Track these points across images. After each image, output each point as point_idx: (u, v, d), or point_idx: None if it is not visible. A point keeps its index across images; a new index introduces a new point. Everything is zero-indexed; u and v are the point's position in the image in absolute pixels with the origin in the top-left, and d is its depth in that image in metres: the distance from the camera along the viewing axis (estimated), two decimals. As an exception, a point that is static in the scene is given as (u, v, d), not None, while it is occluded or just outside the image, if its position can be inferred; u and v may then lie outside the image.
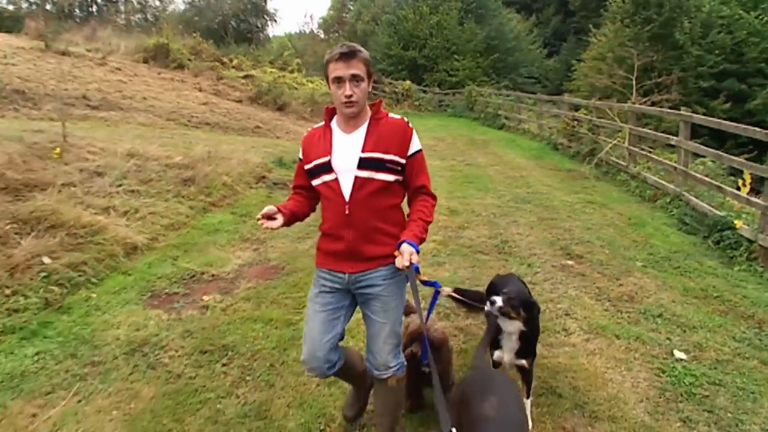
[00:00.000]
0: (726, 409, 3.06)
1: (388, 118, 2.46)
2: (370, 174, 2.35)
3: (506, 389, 2.21)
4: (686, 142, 7.84)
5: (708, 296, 4.76)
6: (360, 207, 2.36)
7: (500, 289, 2.77)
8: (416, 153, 2.43)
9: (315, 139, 2.49)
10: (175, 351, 3.66)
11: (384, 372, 2.47)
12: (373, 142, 2.37)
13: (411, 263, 2.19)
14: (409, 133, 2.42)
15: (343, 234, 2.39)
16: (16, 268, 4.52)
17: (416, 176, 2.44)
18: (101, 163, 7.30)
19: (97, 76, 17.49)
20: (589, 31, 28.29)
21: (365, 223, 2.36)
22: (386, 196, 2.40)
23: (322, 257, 2.52)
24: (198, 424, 2.90)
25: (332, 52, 2.33)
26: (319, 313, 2.46)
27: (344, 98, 2.31)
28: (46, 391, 3.21)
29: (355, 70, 2.29)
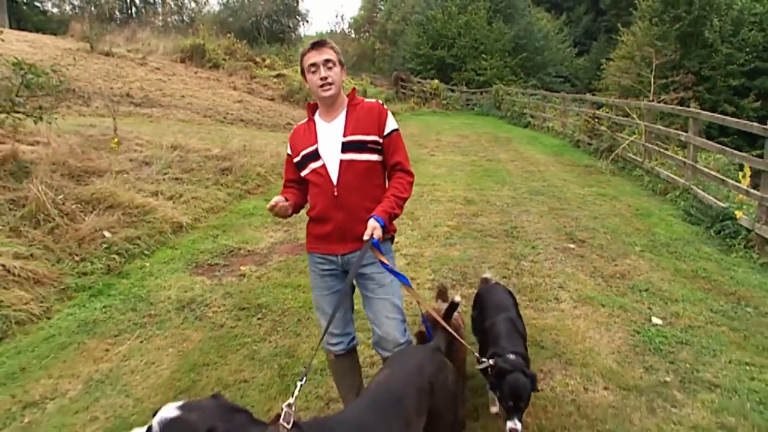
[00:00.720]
0: (686, 361, 3.53)
1: (364, 102, 2.60)
2: (353, 156, 2.48)
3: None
4: (695, 137, 8.18)
5: (696, 276, 5.18)
6: (347, 189, 2.47)
7: (494, 309, 2.94)
8: (392, 132, 2.55)
9: (301, 133, 2.64)
10: (217, 308, 4.32)
11: (394, 351, 2.47)
12: (353, 125, 2.51)
13: (372, 238, 2.31)
14: (384, 114, 2.56)
15: (332, 216, 2.49)
16: (83, 240, 5.27)
17: (392, 154, 2.55)
18: (148, 153, 8.08)
19: (138, 75, 18.52)
20: (619, 29, 28.26)
21: (353, 203, 2.47)
22: (371, 176, 2.53)
23: (312, 241, 2.65)
24: (238, 360, 3.53)
25: (305, 46, 2.54)
26: (326, 297, 2.62)
27: (320, 81, 2.45)
28: (114, 334, 3.90)
29: (327, 56, 2.46)
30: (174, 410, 1.46)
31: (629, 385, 3.23)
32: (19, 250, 4.75)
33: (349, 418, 1.80)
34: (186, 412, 1.46)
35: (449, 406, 2.13)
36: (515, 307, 3.05)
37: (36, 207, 5.32)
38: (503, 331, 2.75)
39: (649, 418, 2.93)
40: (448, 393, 2.12)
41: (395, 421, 1.81)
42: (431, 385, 2.00)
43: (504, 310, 2.93)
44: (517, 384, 2.38)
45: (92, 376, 3.36)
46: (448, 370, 2.22)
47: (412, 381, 1.96)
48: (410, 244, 5.93)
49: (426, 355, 2.20)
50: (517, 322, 2.90)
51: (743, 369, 3.46)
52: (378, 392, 1.92)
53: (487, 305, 3.06)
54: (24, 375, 3.35)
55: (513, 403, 2.37)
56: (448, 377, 2.17)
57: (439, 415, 2.02)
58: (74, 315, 4.17)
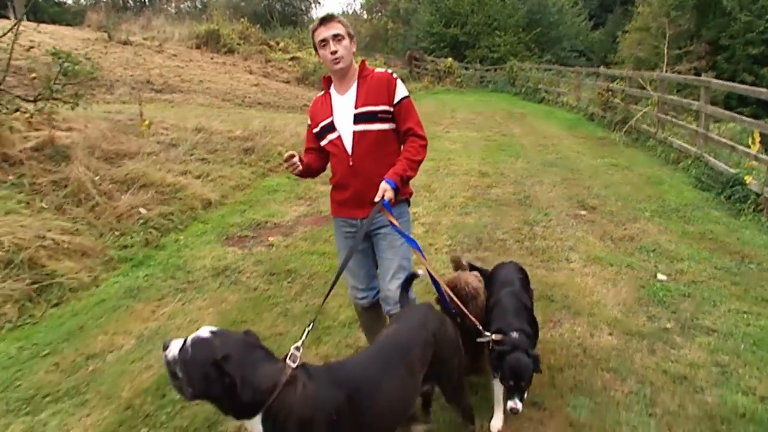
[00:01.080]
0: (687, 311, 3.80)
1: (374, 73, 2.71)
2: (365, 126, 2.61)
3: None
4: (706, 106, 8.28)
5: (703, 238, 5.39)
6: (362, 158, 2.62)
7: (500, 285, 2.90)
8: (402, 99, 2.65)
9: (318, 105, 2.77)
10: (250, 273, 4.67)
11: (394, 307, 2.66)
12: (364, 97, 2.62)
13: (383, 199, 2.46)
14: (393, 83, 2.66)
15: (350, 183, 2.66)
16: (121, 216, 5.64)
17: (404, 120, 2.66)
18: (174, 136, 8.43)
19: (157, 62, 18.85)
20: (634, 1, 27.85)
21: (368, 171, 2.60)
22: (384, 144, 2.66)
23: (335, 207, 2.84)
24: (272, 317, 3.87)
25: (314, 23, 2.65)
26: (354, 258, 2.73)
27: (331, 55, 2.57)
28: (158, 298, 4.28)
29: (335, 30, 2.57)
30: (207, 332, 1.73)
31: (632, 331, 3.51)
32: (65, 226, 5.13)
33: (356, 362, 2.03)
34: (214, 336, 1.72)
35: (453, 352, 2.31)
36: (522, 281, 2.99)
37: (78, 187, 5.70)
38: (509, 306, 2.71)
39: (650, 357, 3.21)
40: (451, 342, 2.31)
41: (399, 368, 2.00)
42: (435, 337, 2.19)
43: (508, 285, 2.88)
44: (518, 364, 2.37)
45: (143, 332, 3.74)
46: (448, 324, 2.38)
47: (417, 334, 2.16)
48: (427, 213, 6.22)
49: (428, 312, 2.37)
50: (522, 295, 2.84)
51: (741, 317, 3.71)
52: (386, 342, 2.13)
53: (492, 282, 3.01)
54: (83, 333, 3.74)
55: (514, 382, 2.36)
56: (448, 329, 2.33)
57: (444, 361, 2.24)
58: (120, 283, 4.55)
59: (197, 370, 1.67)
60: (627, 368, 3.10)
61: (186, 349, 1.69)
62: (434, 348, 2.17)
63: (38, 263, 4.43)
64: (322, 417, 1.76)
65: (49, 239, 4.74)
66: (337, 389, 1.81)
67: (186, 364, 1.68)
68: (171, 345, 1.74)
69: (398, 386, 1.98)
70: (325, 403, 1.77)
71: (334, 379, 1.85)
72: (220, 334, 1.75)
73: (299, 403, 1.74)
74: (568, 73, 20.64)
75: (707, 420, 2.65)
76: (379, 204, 2.46)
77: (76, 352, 3.48)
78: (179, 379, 1.70)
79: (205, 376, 1.66)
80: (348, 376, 1.89)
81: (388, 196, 2.48)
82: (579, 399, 2.83)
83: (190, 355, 1.68)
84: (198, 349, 1.69)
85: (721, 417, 2.66)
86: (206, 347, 1.69)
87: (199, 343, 1.70)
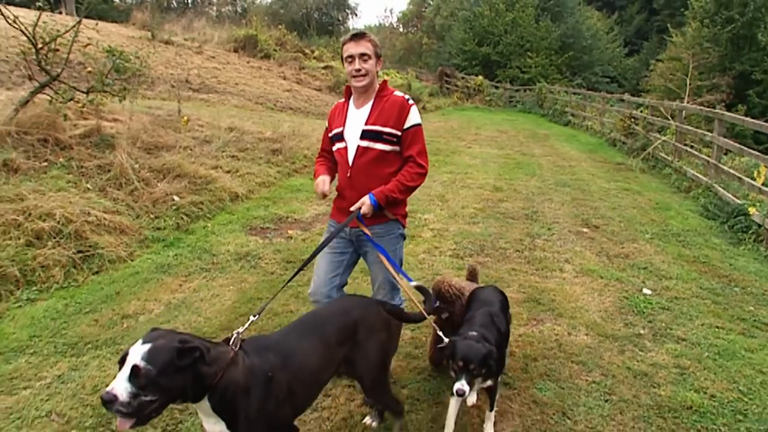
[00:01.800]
0: (663, 321, 4.12)
1: (392, 95, 2.79)
2: (370, 144, 2.73)
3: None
4: (718, 138, 8.54)
5: (697, 261, 5.68)
6: (359, 172, 2.73)
7: (479, 304, 2.87)
8: (412, 127, 2.75)
9: (337, 112, 2.91)
10: (269, 260, 5.14)
11: None
12: (376, 115, 2.73)
13: (358, 210, 2.62)
14: (407, 109, 2.74)
15: (347, 194, 2.78)
16: (157, 201, 6.18)
17: (409, 147, 2.76)
18: (208, 133, 9.02)
19: (195, 63, 19.68)
20: (669, 30, 27.93)
21: (363, 185, 2.70)
22: (383, 164, 2.74)
23: (334, 211, 2.97)
24: (285, 297, 4.31)
25: (346, 36, 2.77)
26: (327, 254, 2.88)
27: (354, 72, 2.70)
28: (185, 274, 4.77)
29: (363, 50, 2.69)
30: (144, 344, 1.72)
31: (607, 334, 3.86)
32: (107, 205, 5.69)
33: (276, 334, 2.26)
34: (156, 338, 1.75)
35: (374, 346, 2.39)
36: (501, 304, 2.94)
37: (120, 172, 6.27)
38: (478, 320, 2.67)
39: (618, 356, 3.56)
40: (373, 336, 2.39)
41: (311, 337, 2.20)
42: (356, 323, 2.34)
43: (487, 305, 2.85)
44: (468, 347, 2.34)
45: (171, 301, 4.22)
46: (379, 319, 2.46)
47: (336, 317, 2.35)
48: (438, 220, 6.63)
49: (358, 303, 2.50)
50: (498, 315, 2.78)
51: (712, 330, 4.02)
52: (303, 320, 2.34)
53: (473, 301, 2.97)
54: (119, 297, 4.24)
55: (462, 363, 2.30)
56: (375, 324, 2.42)
57: (363, 349, 2.35)
58: (152, 259, 5.06)
59: (168, 368, 1.69)
60: (594, 363, 3.45)
61: (143, 369, 1.66)
62: (354, 334, 2.33)
63: (83, 236, 4.98)
64: (260, 379, 1.94)
65: (92, 216, 5.28)
66: (267, 352, 2.03)
67: (154, 376, 1.66)
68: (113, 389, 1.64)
69: (313, 351, 2.17)
70: (261, 366, 1.97)
71: (262, 345, 2.08)
72: (159, 335, 1.79)
73: (240, 376, 1.90)
74: (595, 98, 20.87)
75: (656, 408, 2.99)
76: (354, 214, 2.63)
77: (113, 312, 3.98)
78: (144, 405, 1.67)
79: (178, 368, 1.71)
80: (272, 342, 2.13)
81: (364, 210, 2.63)
82: (546, 383, 3.20)
83: (153, 366, 1.67)
84: (157, 355, 1.69)
85: (670, 407, 3.00)
86: (161, 347, 1.71)
87: (151, 351, 1.70)
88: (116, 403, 1.62)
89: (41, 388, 3.07)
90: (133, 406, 1.64)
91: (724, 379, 3.33)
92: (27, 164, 6.00)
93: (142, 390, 1.65)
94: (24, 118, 6.58)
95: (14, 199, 5.07)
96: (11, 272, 4.22)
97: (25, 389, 3.05)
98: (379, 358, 2.43)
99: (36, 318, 3.84)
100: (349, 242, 2.90)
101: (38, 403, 2.93)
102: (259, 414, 1.92)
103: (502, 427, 2.81)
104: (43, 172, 5.99)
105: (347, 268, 2.96)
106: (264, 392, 1.94)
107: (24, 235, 4.63)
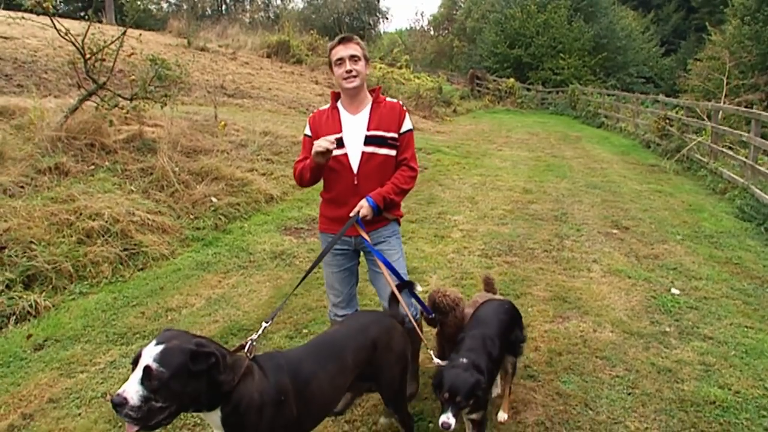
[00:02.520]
0: (690, 320, 4.15)
1: (386, 102, 2.82)
2: (374, 149, 2.72)
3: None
4: (755, 138, 8.40)
5: (729, 262, 5.63)
6: (366, 178, 2.70)
7: (475, 323, 2.73)
8: (407, 132, 2.81)
9: (323, 118, 2.80)
10: (303, 258, 5.35)
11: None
12: (376, 121, 2.73)
13: (357, 215, 2.60)
14: (403, 114, 2.81)
15: (350, 201, 2.69)
16: (196, 203, 6.48)
17: (403, 151, 2.80)
18: (243, 137, 9.34)
19: (230, 69, 20.21)
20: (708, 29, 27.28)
21: (369, 191, 2.68)
22: (386, 168, 2.76)
23: (326, 223, 2.87)
24: (319, 293, 4.50)
25: (332, 41, 2.75)
26: (335, 274, 2.88)
27: (345, 74, 2.68)
28: (224, 271, 5.01)
29: (352, 51, 2.68)
30: (156, 347, 1.65)
31: (633, 331, 3.91)
32: (150, 206, 6.00)
33: (293, 354, 2.13)
34: (169, 340, 1.68)
35: (394, 361, 2.39)
36: (501, 326, 2.72)
37: (161, 175, 6.59)
38: (467, 344, 2.52)
39: (643, 353, 3.62)
40: (392, 351, 2.38)
41: (330, 364, 2.13)
42: (374, 343, 2.30)
43: (483, 326, 2.67)
44: (455, 378, 2.24)
45: (211, 296, 4.46)
46: (396, 334, 2.44)
47: (354, 337, 2.28)
48: (467, 221, 6.74)
49: (374, 319, 2.46)
50: (491, 339, 2.58)
51: (741, 330, 4.03)
52: (321, 341, 2.27)
53: (472, 319, 2.83)
54: (163, 292, 4.50)
55: (448, 395, 2.21)
56: (393, 339, 2.40)
57: (382, 367, 2.34)
58: (192, 257, 5.33)
59: (181, 371, 1.62)
60: (618, 358, 3.52)
61: (156, 371, 1.60)
62: (373, 353, 2.30)
63: (128, 235, 5.28)
64: (273, 401, 1.88)
65: (137, 216, 5.59)
66: (283, 374, 1.96)
67: (166, 379, 1.60)
68: (124, 392, 1.59)
69: (328, 381, 2.10)
70: (276, 388, 1.91)
71: (279, 365, 1.99)
72: (173, 335, 1.73)
73: (255, 390, 1.83)
74: (629, 99, 20.57)
75: (679, 402, 3.05)
76: (353, 219, 2.61)
77: (158, 305, 4.24)
78: (156, 412, 1.62)
79: (192, 373, 1.64)
80: (288, 363, 2.03)
81: (363, 213, 2.62)
82: (570, 377, 3.29)
83: (165, 369, 1.60)
84: (171, 357, 1.62)
85: (692, 402, 3.06)
86: (175, 349, 1.65)
87: (165, 352, 1.63)
88: (126, 406, 1.56)
89: (96, 372, 3.33)
90: (143, 411, 1.58)
91: (750, 376, 3.36)
92: (76, 167, 6.37)
93: (154, 394, 1.59)
94: (73, 124, 6.98)
95: (66, 200, 5.41)
96: (65, 267, 4.53)
97: (81, 373, 3.31)
98: (398, 373, 2.42)
99: (88, 310, 4.13)
100: (354, 252, 2.89)
101: (94, 385, 3.19)
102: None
103: (525, 416, 2.92)
104: (91, 174, 6.35)
105: (355, 278, 2.98)
106: (273, 416, 1.88)
107: (76, 234, 4.95)
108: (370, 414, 2.95)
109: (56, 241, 4.75)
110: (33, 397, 3.09)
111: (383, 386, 2.40)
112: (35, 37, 13.50)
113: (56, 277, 4.44)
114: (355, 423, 2.90)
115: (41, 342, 3.67)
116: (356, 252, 2.88)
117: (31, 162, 6.05)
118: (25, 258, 4.41)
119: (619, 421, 2.89)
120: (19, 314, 3.96)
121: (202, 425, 2.86)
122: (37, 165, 6.05)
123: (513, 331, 2.81)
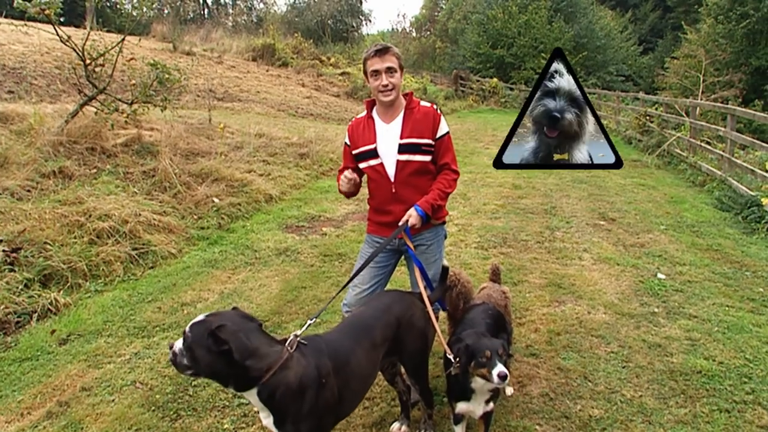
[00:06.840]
0: (676, 301, 4.44)
1: (420, 106, 2.81)
2: (409, 157, 2.74)
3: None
4: (731, 132, 8.79)
5: (710, 249, 5.96)
6: (404, 185, 2.75)
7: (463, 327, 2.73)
8: (444, 135, 2.80)
9: (360, 128, 2.85)
10: (307, 254, 5.56)
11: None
12: (409, 129, 2.74)
13: (407, 222, 2.65)
14: (438, 119, 2.79)
15: (391, 209, 2.79)
16: (199, 203, 6.65)
17: (442, 155, 2.82)
18: (239, 140, 9.52)
19: (217, 72, 20.30)
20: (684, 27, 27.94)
21: (409, 198, 2.74)
22: (423, 175, 2.79)
23: (373, 227, 2.97)
24: (327, 285, 4.72)
25: (368, 50, 2.73)
26: (371, 269, 2.85)
27: (381, 87, 2.68)
28: (232, 268, 5.20)
29: (389, 63, 2.68)
30: (201, 316, 1.96)
31: (624, 312, 4.20)
32: (155, 207, 6.16)
33: (332, 336, 2.31)
34: (208, 316, 1.96)
35: (415, 337, 2.56)
36: (487, 327, 2.70)
37: (164, 177, 6.75)
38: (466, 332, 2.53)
39: (634, 331, 3.90)
40: (414, 327, 2.55)
41: (364, 341, 2.31)
42: (398, 320, 2.48)
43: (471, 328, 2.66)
44: (483, 338, 2.33)
45: (223, 291, 4.65)
46: (416, 311, 2.60)
47: (380, 315, 2.46)
48: (461, 216, 7.00)
49: (397, 298, 2.62)
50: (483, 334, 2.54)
51: (722, 309, 4.33)
52: (352, 321, 2.45)
53: (460, 323, 2.88)
54: (176, 288, 4.68)
55: (489, 353, 2.23)
56: (414, 316, 2.57)
57: (405, 342, 2.52)
58: (200, 255, 5.51)
59: (199, 342, 1.88)
60: (612, 336, 3.80)
61: (187, 335, 1.92)
62: (397, 329, 2.47)
63: (137, 235, 5.45)
64: (314, 383, 2.02)
65: (143, 217, 5.76)
66: (324, 356, 2.11)
67: (189, 344, 1.90)
68: (175, 344, 1.96)
69: (365, 356, 2.28)
70: (317, 370, 2.05)
71: (319, 348, 2.14)
72: (213, 314, 2.00)
73: (293, 378, 1.98)
74: (610, 97, 21.05)
75: (669, 373, 3.33)
76: (401, 228, 2.68)
77: (173, 300, 4.42)
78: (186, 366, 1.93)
79: (207, 348, 1.87)
80: (328, 345, 2.19)
81: (412, 222, 2.67)
82: (569, 354, 3.55)
83: (190, 336, 1.91)
84: (196, 329, 1.91)
85: (681, 372, 3.34)
86: (202, 325, 1.92)
87: (196, 324, 1.93)
88: (171, 351, 1.96)
89: (122, 362, 3.51)
90: (180, 358, 1.93)
91: (731, 349, 3.65)
92: (79, 171, 6.51)
93: (185, 351, 1.91)
94: (73, 128, 7.11)
95: (75, 202, 5.56)
96: (79, 266, 4.69)
97: (108, 363, 3.49)
98: (420, 347, 2.59)
99: (105, 306, 4.29)
100: (393, 253, 2.94)
101: (122, 374, 3.37)
102: (306, 418, 2.00)
103: (531, 389, 3.17)
104: (94, 177, 6.49)
105: (386, 277, 2.99)
106: (315, 397, 2.01)
107: (87, 234, 5.11)
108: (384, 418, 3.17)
109: (69, 242, 4.90)
110: (66, 386, 3.26)
111: (406, 360, 2.59)
112: (21, 42, 13.52)
113: (72, 276, 4.60)
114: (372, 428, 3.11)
115: (65, 337, 3.84)
116: (398, 252, 2.94)
117: (35, 166, 6.18)
118: (41, 258, 4.56)
119: (616, 390, 3.15)
120: (40, 311, 4.12)
121: (231, 407, 3.06)
122: (41, 169, 6.19)
123: (499, 333, 2.78)
